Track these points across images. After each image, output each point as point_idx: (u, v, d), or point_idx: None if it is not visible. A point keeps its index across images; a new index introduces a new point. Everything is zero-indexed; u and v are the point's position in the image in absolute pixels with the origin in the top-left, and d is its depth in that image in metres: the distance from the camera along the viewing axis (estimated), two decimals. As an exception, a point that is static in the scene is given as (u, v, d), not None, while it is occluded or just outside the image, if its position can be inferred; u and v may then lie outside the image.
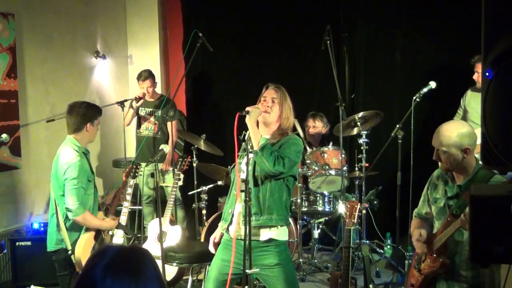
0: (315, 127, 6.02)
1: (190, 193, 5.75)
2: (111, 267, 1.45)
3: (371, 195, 5.55)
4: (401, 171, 4.93)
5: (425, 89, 4.86)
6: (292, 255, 5.02)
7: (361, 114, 5.47)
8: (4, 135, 5.18)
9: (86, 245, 4.02)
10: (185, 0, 7.09)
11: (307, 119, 6.05)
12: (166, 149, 4.22)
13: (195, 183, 5.77)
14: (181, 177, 5.19)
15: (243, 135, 3.35)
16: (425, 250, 3.16)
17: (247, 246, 3.16)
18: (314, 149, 5.62)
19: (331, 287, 4.17)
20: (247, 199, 3.14)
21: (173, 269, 4.77)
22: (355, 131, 5.61)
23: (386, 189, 5.61)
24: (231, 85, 6.91)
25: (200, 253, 4.59)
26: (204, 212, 5.60)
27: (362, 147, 5.41)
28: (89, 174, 4.09)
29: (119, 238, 4.30)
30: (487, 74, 1.70)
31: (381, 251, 5.77)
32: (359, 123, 5.48)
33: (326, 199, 5.65)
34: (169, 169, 6.07)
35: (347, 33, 6.29)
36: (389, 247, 5.78)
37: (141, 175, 5.29)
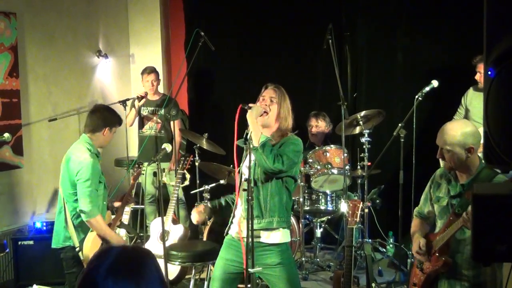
0: (318, 126, 6.01)
1: (192, 192, 5.75)
2: (114, 268, 1.44)
3: (374, 194, 5.55)
4: (403, 170, 4.92)
5: (428, 88, 4.86)
6: (294, 254, 5.03)
7: (363, 113, 5.47)
8: (6, 134, 5.18)
9: (94, 243, 4.03)
10: (187, -1, 7.10)
11: (310, 119, 6.04)
12: (168, 148, 4.22)
13: (197, 182, 5.77)
14: (187, 177, 5.18)
15: (245, 134, 3.34)
16: (424, 260, 3.19)
17: (249, 245, 3.16)
18: (316, 148, 5.62)
19: (333, 286, 4.16)
20: (250, 197, 3.14)
21: (175, 268, 4.77)
22: (357, 130, 5.60)
23: (388, 188, 5.60)
24: (232, 84, 6.91)
25: (202, 252, 4.60)
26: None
27: (364, 146, 5.41)
28: (101, 175, 4.13)
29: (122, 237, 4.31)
30: (489, 73, 1.70)
31: (384, 250, 5.76)
32: (361, 122, 5.47)
33: (328, 198, 5.65)
34: (173, 169, 6.07)
35: (349, 32, 6.29)
36: (391, 246, 5.78)
37: (143, 174, 5.30)
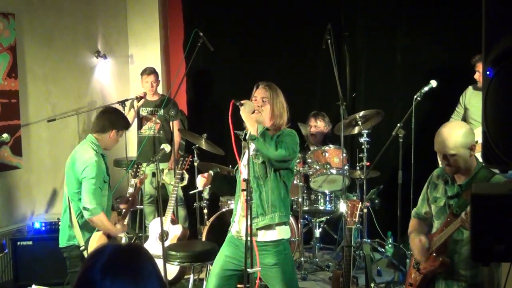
0: (317, 126, 6.00)
1: (191, 192, 5.75)
2: (110, 266, 1.43)
3: (372, 194, 5.55)
4: (402, 170, 4.93)
5: (426, 88, 4.86)
6: (293, 254, 5.02)
7: (362, 113, 5.47)
8: (5, 135, 5.18)
9: (100, 242, 4.04)
10: (186, 0, 7.09)
11: (309, 119, 6.03)
12: (167, 148, 4.22)
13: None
14: (185, 177, 5.18)
15: (244, 133, 3.33)
16: (424, 258, 3.16)
17: (248, 245, 3.16)
18: (315, 148, 5.62)
19: (332, 286, 4.17)
20: (249, 198, 3.14)
21: (174, 268, 4.77)
22: (356, 130, 5.60)
23: (387, 188, 5.60)
24: (231, 84, 6.90)
25: (201, 252, 4.59)
26: (205, 211, 5.60)
27: (363, 146, 5.41)
28: (105, 175, 4.15)
29: (122, 238, 4.31)
30: (488, 73, 1.70)
31: (383, 250, 5.77)
32: (360, 122, 5.47)
33: (327, 198, 5.65)
34: (172, 168, 6.07)
35: (348, 33, 6.30)
36: (390, 246, 5.78)
37: (146, 174, 5.30)
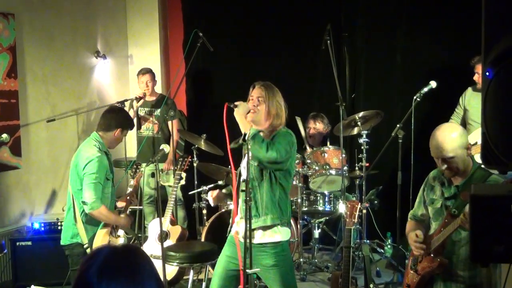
0: (316, 128, 6.00)
1: (190, 193, 5.75)
2: (106, 268, 1.43)
3: (372, 194, 5.55)
4: (401, 171, 4.92)
5: (426, 89, 4.87)
6: (292, 255, 5.02)
7: (361, 113, 5.47)
8: (4, 135, 5.18)
9: (104, 240, 4.05)
10: (186, 0, 7.09)
11: (308, 120, 6.03)
12: (166, 148, 4.22)
13: (196, 183, 5.77)
14: (183, 176, 5.18)
15: (243, 135, 3.33)
16: (422, 251, 3.14)
17: (247, 245, 3.16)
18: (314, 149, 5.62)
19: (331, 286, 4.17)
20: (247, 198, 3.13)
21: (173, 269, 4.77)
22: (356, 130, 5.60)
23: (386, 188, 5.60)
24: (231, 84, 6.89)
25: (200, 252, 4.59)
26: (204, 212, 5.61)
27: (362, 147, 5.41)
28: (108, 172, 4.18)
29: (120, 238, 4.31)
30: (487, 73, 1.70)
31: (382, 250, 5.77)
32: (359, 123, 5.47)
33: (326, 198, 5.65)
34: (171, 169, 6.07)
35: (347, 33, 6.29)
36: (389, 246, 5.78)
37: (142, 172, 5.29)
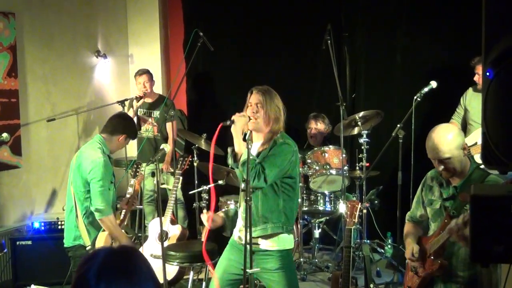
0: (317, 128, 5.99)
1: (190, 192, 5.74)
2: (104, 269, 1.44)
3: (372, 194, 5.55)
4: (401, 171, 4.92)
5: (426, 89, 4.86)
6: (293, 255, 5.02)
7: (361, 113, 5.47)
8: (4, 134, 5.18)
9: (106, 242, 4.04)
10: (186, -1, 7.10)
11: (309, 121, 6.02)
12: (167, 148, 4.21)
13: (196, 182, 5.77)
14: (179, 179, 5.19)
15: (244, 134, 3.33)
16: (418, 267, 3.17)
17: (247, 247, 3.16)
18: (315, 149, 5.62)
19: (332, 286, 4.17)
20: (248, 198, 3.13)
21: (173, 269, 4.77)
22: (356, 130, 5.60)
23: (386, 188, 5.60)
24: (231, 84, 6.90)
25: (200, 252, 4.57)
26: (204, 211, 5.59)
27: (362, 147, 5.41)
28: (111, 175, 4.18)
29: None
30: (488, 74, 1.70)
31: (382, 250, 5.77)
32: (359, 123, 5.47)
33: (327, 198, 5.65)
34: (169, 170, 6.06)
35: (347, 33, 6.29)
36: (389, 246, 5.78)
37: (142, 175, 5.30)
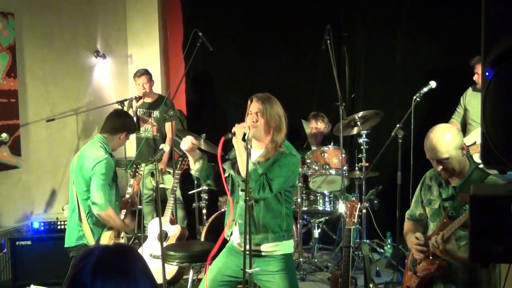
0: (317, 128, 6.00)
1: (190, 192, 5.75)
2: (99, 268, 1.43)
3: (371, 194, 5.55)
4: (401, 171, 4.93)
5: (426, 89, 4.86)
6: (292, 254, 5.02)
7: (361, 113, 5.47)
8: (4, 135, 5.18)
9: (110, 242, 4.04)
10: (185, 0, 7.09)
11: (309, 120, 6.03)
12: (166, 148, 4.21)
13: (195, 182, 5.77)
14: (179, 179, 5.19)
15: (243, 135, 3.32)
16: (423, 254, 3.12)
17: (248, 245, 3.16)
18: (314, 149, 5.62)
19: (331, 286, 4.17)
20: (247, 198, 3.13)
21: (173, 269, 4.77)
22: (355, 130, 5.61)
23: (386, 188, 5.60)
24: (231, 84, 6.91)
25: (200, 252, 4.58)
26: (204, 211, 5.60)
27: (362, 147, 5.41)
28: (113, 174, 4.19)
29: (123, 238, 4.32)
30: (487, 74, 1.70)
31: (381, 250, 5.77)
32: (359, 123, 5.47)
33: (326, 198, 5.65)
34: (167, 170, 6.05)
35: (347, 33, 6.29)
36: (389, 246, 5.78)
37: (141, 175, 5.29)
